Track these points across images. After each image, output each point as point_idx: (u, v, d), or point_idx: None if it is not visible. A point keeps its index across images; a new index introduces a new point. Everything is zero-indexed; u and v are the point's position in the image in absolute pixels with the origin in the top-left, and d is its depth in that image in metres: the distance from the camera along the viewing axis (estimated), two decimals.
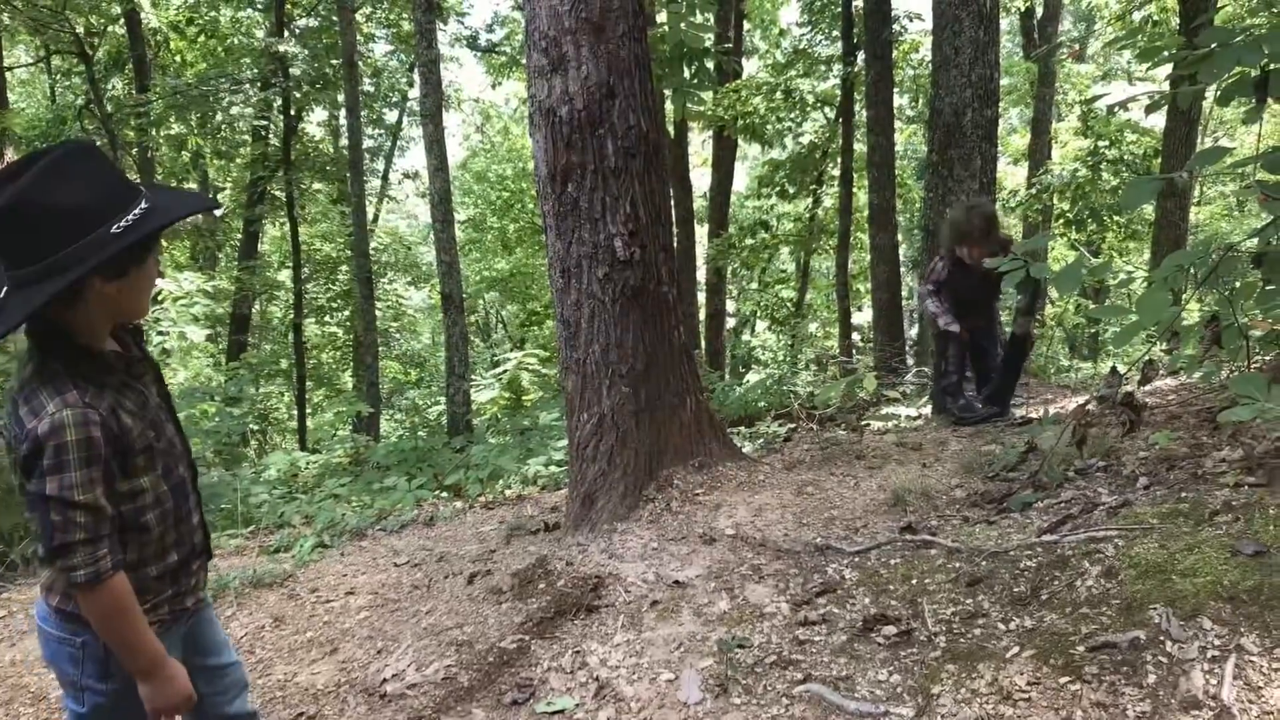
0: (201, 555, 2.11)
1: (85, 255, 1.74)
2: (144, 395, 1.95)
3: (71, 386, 1.77)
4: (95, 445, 1.76)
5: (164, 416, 2.01)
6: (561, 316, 4.21)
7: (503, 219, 27.82)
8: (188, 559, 2.04)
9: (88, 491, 1.76)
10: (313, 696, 3.18)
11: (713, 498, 4.06)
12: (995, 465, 4.25)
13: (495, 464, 7.56)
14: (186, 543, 2.03)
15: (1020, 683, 2.27)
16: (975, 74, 7.40)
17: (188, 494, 2.04)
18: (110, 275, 1.81)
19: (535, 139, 4.19)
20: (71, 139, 2.57)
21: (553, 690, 2.87)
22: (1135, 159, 14.77)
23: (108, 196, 1.79)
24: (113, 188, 1.81)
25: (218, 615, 4.08)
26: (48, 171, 1.74)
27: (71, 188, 1.75)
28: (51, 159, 1.76)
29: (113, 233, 1.76)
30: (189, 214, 2.09)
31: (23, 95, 23.91)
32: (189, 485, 2.06)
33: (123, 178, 1.86)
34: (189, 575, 2.06)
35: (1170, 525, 2.80)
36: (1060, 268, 3.51)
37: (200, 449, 8.62)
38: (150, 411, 1.94)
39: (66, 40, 16.94)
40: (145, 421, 1.90)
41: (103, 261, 1.75)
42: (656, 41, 7.08)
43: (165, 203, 1.90)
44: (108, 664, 1.93)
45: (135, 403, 1.90)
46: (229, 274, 18.85)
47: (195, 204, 2.12)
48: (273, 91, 17.28)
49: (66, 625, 1.93)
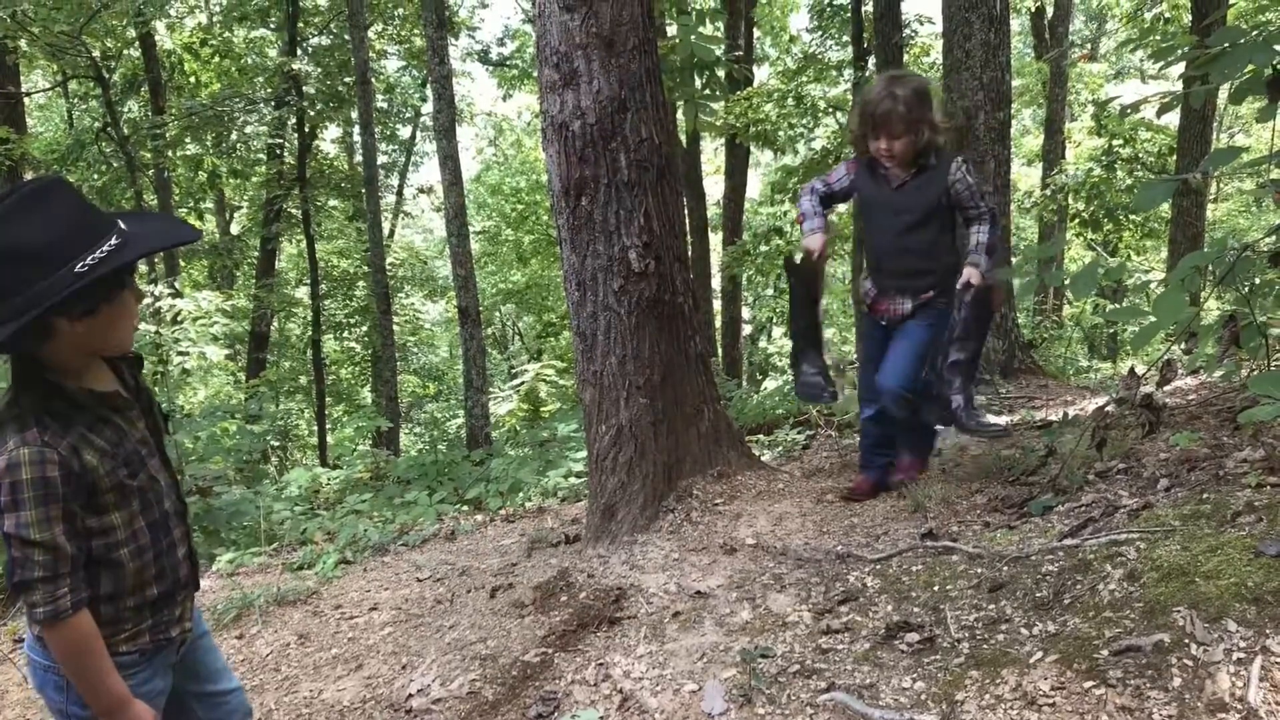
0: (187, 587, 2.12)
1: (44, 296, 1.73)
2: (122, 431, 1.94)
3: (34, 424, 1.78)
4: (51, 484, 1.76)
5: (145, 453, 1.99)
6: (578, 329, 4.23)
7: (517, 231, 27.92)
8: (171, 591, 2.05)
9: (44, 530, 1.77)
10: (339, 713, 3.20)
11: (732, 507, 4.06)
12: (1015, 469, 4.24)
13: (515, 477, 7.58)
14: (168, 576, 2.04)
15: (1044, 688, 2.26)
16: (987, 76, 7.39)
17: (170, 529, 2.04)
18: (77, 314, 1.79)
19: (548, 153, 4.21)
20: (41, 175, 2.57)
21: (577, 703, 2.88)
22: (1150, 157, 14.71)
23: (72, 234, 1.76)
24: (78, 225, 1.78)
25: (243, 633, 4.12)
26: (11, 211, 1.74)
27: (33, 228, 1.74)
28: (16, 198, 1.75)
29: (76, 271, 1.74)
30: (162, 248, 2.06)
31: (41, 120, 24.17)
32: (172, 520, 2.05)
33: (92, 213, 1.84)
34: (172, 606, 2.07)
35: (1192, 527, 2.79)
36: (1076, 269, 3.51)
37: (221, 466, 8.66)
38: (126, 448, 1.93)
39: (83, 65, 17.10)
40: (118, 459, 1.90)
41: (61, 300, 1.73)
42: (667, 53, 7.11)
43: (140, 235, 1.87)
44: None
45: (108, 440, 1.89)
46: (247, 292, 18.99)
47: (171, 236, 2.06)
48: (287, 110, 17.43)
49: (49, 654, 1.94)
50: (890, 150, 3.78)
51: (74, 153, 17.50)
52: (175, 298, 12.27)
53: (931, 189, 3.81)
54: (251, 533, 6.76)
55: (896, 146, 3.76)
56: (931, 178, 3.82)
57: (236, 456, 9.44)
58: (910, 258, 3.92)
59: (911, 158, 3.82)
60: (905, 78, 3.90)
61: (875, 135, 3.78)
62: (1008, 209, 7.77)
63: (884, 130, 3.75)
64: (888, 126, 3.73)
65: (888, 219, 3.94)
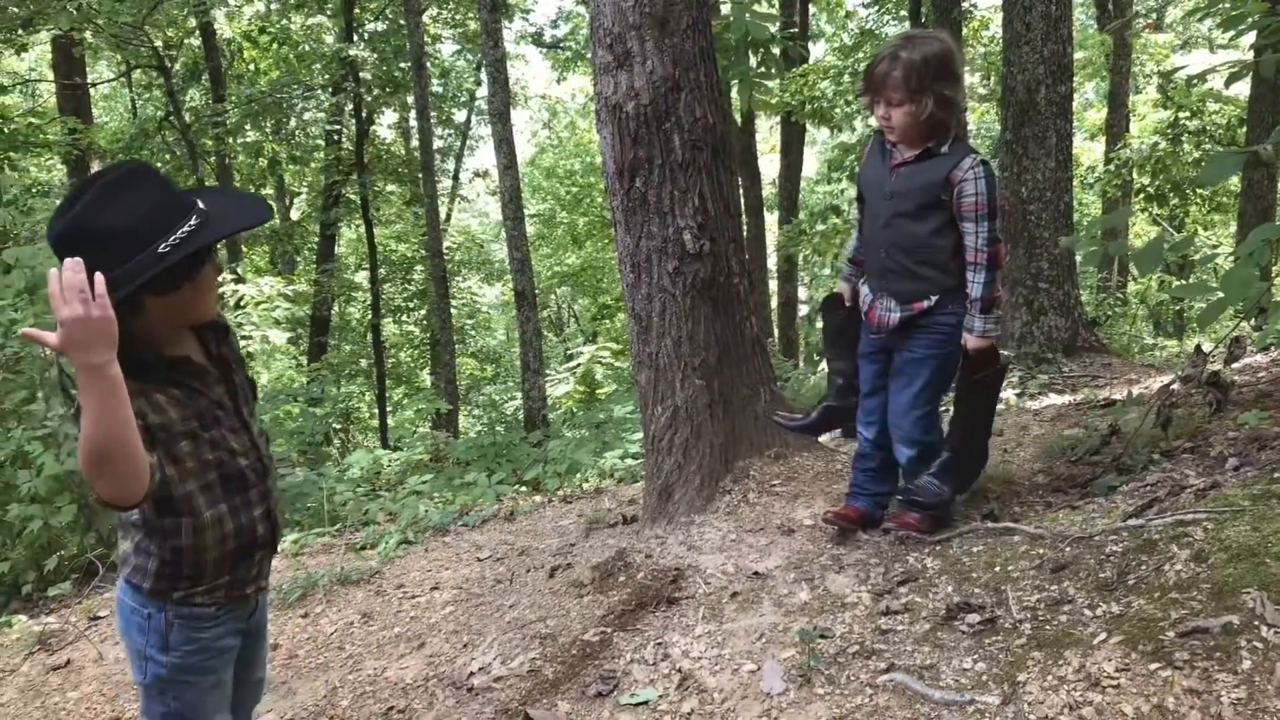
0: (264, 547, 2.22)
1: (134, 274, 1.85)
2: (193, 391, 2.03)
3: None
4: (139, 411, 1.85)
5: (221, 414, 2.08)
6: (633, 311, 4.23)
7: (572, 213, 27.98)
8: (248, 548, 2.15)
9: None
10: (402, 691, 3.25)
11: (790, 488, 4.05)
12: (1078, 449, 4.17)
13: (572, 458, 7.63)
14: (245, 533, 2.13)
15: (1109, 669, 2.23)
16: (1048, 49, 7.24)
17: (247, 488, 2.13)
18: (162, 290, 1.92)
19: (602, 135, 4.21)
20: (127, 160, 2.72)
21: (636, 682, 2.91)
22: (1219, 129, 14.34)
23: (155, 217, 1.89)
24: (161, 207, 1.91)
25: (308, 612, 4.20)
26: (100, 196, 1.86)
27: (120, 210, 1.86)
28: (104, 183, 1.88)
29: (159, 252, 1.86)
30: (240, 229, 2.19)
31: (105, 110, 24.69)
32: (250, 479, 2.14)
33: (173, 195, 1.96)
34: (249, 564, 2.18)
35: (1262, 507, 2.73)
36: (1141, 245, 3.44)
37: (285, 449, 8.83)
38: (199, 405, 2.03)
39: (146, 55, 17.42)
40: (189, 409, 2.00)
41: (147, 280, 1.86)
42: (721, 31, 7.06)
43: (219, 215, 1.99)
44: (168, 638, 2.08)
45: (177, 395, 1.99)
46: (308, 277, 19.22)
47: (247, 217, 2.17)
48: (344, 96, 17.59)
49: (136, 597, 2.08)
50: (888, 119, 3.21)
51: (138, 141, 17.84)
52: (238, 283, 12.49)
53: (929, 176, 3.20)
54: (315, 514, 6.88)
55: (894, 116, 3.18)
56: (936, 165, 3.19)
57: (300, 439, 9.62)
58: (896, 253, 3.30)
59: (917, 135, 3.22)
60: (920, 39, 3.22)
61: (875, 101, 3.25)
62: (1070, 185, 7.61)
63: (880, 94, 3.20)
64: (884, 91, 3.18)
65: (878, 202, 3.38)
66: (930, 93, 3.11)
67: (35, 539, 5.45)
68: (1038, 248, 7.36)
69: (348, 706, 3.22)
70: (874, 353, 3.51)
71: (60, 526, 5.43)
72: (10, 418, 5.85)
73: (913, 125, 3.18)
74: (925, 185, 3.21)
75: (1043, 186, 7.35)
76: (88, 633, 4.31)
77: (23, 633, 4.42)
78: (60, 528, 5.44)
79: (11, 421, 5.82)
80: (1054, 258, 7.35)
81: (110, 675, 3.80)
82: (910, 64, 3.10)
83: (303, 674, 3.57)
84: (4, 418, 5.84)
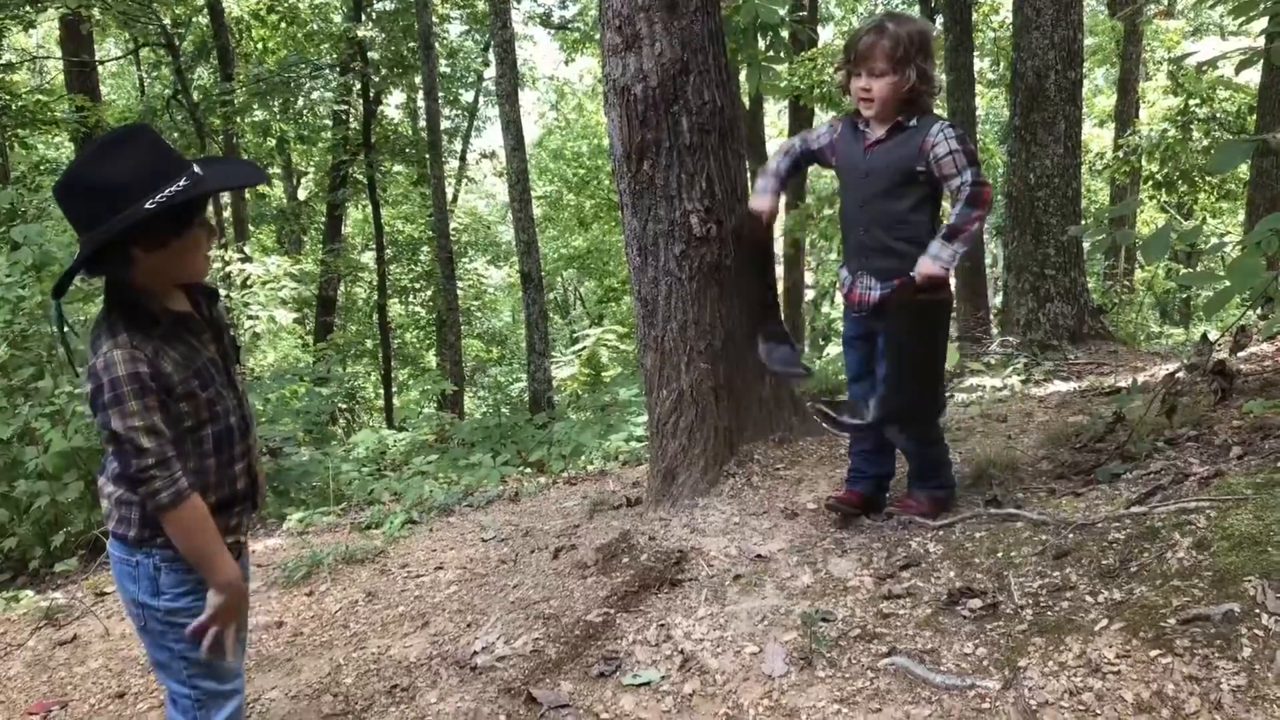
0: (244, 500, 2.30)
1: (117, 226, 1.96)
2: (194, 349, 2.15)
3: (123, 330, 2.02)
4: (144, 378, 1.99)
5: (214, 371, 2.19)
6: (639, 294, 4.23)
7: (579, 196, 27.96)
8: (229, 501, 2.23)
9: (147, 417, 2.00)
10: (405, 669, 3.27)
11: (794, 472, 4.06)
12: (1082, 436, 4.18)
13: (577, 440, 7.64)
14: (226, 486, 2.21)
15: (1109, 655, 2.25)
16: (1058, 35, 7.21)
17: (234, 442, 2.22)
18: (149, 246, 2.02)
19: (610, 117, 4.20)
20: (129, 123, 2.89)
21: (638, 663, 2.92)
22: (1228, 116, 14.26)
23: (148, 174, 1.98)
24: (154, 165, 2.00)
25: (313, 590, 4.22)
26: (98, 153, 2.01)
27: (115, 168, 1.98)
28: (102, 142, 2.03)
29: (146, 207, 1.95)
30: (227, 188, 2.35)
31: (113, 88, 24.64)
32: (236, 435, 2.23)
33: (169, 156, 2.05)
34: (228, 516, 2.24)
35: (1265, 495, 2.73)
36: (1149, 233, 3.43)
37: (291, 428, 8.85)
38: (197, 363, 2.14)
39: (154, 33, 17.39)
40: (189, 370, 2.11)
41: (128, 230, 1.96)
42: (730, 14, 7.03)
43: (213, 177, 2.10)
44: (158, 582, 2.16)
45: (181, 353, 2.11)
46: (314, 257, 19.26)
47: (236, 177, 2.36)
48: (352, 76, 17.57)
49: (123, 548, 2.18)
50: (869, 90, 3.21)
51: (145, 119, 17.82)
52: (245, 262, 12.51)
53: (902, 152, 3.23)
54: (320, 493, 6.91)
55: (876, 86, 3.18)
56: (906, 139, 3.23)
57: (305, 418, 9.64)
58: (876, 230, 3.33)
59: (893, 108, 3.24)
60: (905, 17, 3.32)
61: (856, 71, 3.23)
62: (1078, 172, 7.59)
63: (864, 65, 3.20)
64: (869, 61, 3.18)
65: (855, 182, 3.41)
66: (914, 65, 3.17)
67: (42, 515, 5.48)
68: (1045, 234, 7.35)
69: (351, 684, 3.24)
70: (857, 338, 3.56)
71: (67, 503, 5.45)
72: (18, 394, 5.87)
73: (893, 98, 3.21)
74: (900, 160, 3.25)
75: (1051, 173, 7.33)
76: (94, 608, 4.34)
77: (30, 608, 4.44)
78: (67, 504, 5.46)
79: (19, 398, 5.84)
80: (1061, 244, 7.33)
81: (116, 650, 3.83)
82: (897, 35, 3.15)
83: (307, 651, 3.59)
84: (12, 394, 5.85)
